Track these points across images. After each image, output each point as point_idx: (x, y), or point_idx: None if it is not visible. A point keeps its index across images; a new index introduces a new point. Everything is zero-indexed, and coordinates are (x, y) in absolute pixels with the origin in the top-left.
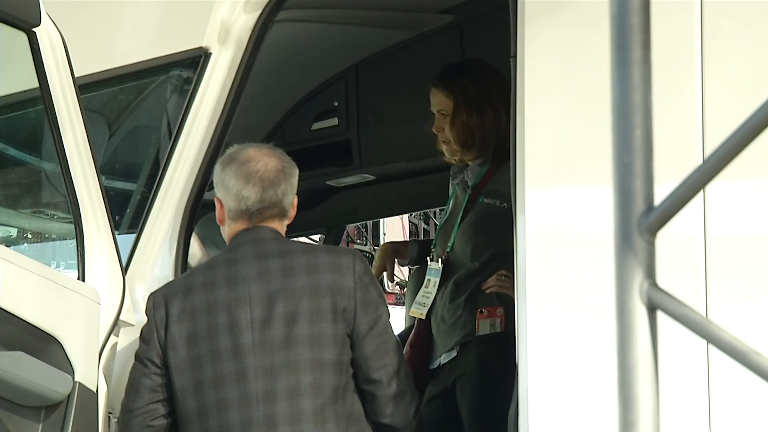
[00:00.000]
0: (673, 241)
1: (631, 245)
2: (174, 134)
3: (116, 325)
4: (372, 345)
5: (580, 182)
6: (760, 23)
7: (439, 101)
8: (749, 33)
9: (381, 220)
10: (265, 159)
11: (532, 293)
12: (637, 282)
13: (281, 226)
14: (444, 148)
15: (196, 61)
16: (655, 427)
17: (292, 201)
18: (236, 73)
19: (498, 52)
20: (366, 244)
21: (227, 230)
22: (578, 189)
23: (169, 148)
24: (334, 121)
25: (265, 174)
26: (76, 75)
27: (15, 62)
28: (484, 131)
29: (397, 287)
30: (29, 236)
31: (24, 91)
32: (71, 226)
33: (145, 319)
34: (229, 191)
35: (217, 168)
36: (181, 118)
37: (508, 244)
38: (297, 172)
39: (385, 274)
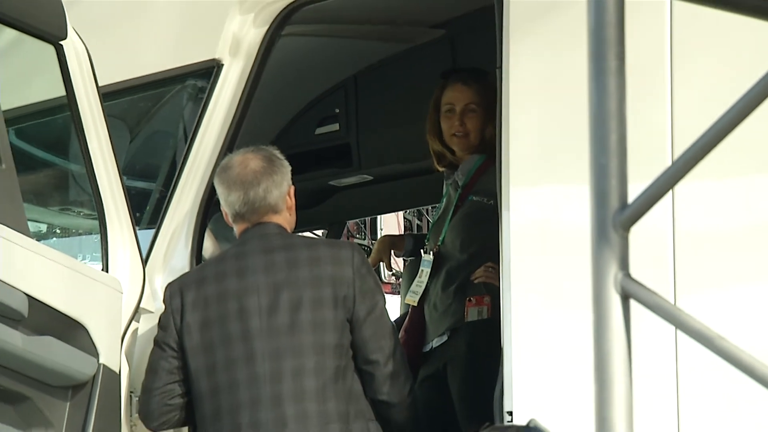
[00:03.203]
0: (644, 235)
1: (606, 239)
2: (189, 138)
3: (137, 312)
4: (370, 329)
5: (560, 182)
6: (725, 35)
7: (467, 96)
8: (715, 44)
9: (378, 216)
10: (245, 163)
11: (516, 283)
12: (612, 273)
13: (283, 219)
14: (455, 141)
15: (209, 71)
16: (628, 404)
17: (280, 195)
18: (246, 83)
19: (485, 64)
20: (364, 239)
21: (235, 228)
22: (558, 188)
23: (184, 152)
24: (335, 127)
25: (244, 177)
26: (99, 84)
27: (44, 72)
28: (494, 127)
29: (393, 277)
30: (58, 231)
31: (51, 99)
32: (96, 222)
33: (163, 307)
34: (221, 198)
35: (215, 179)
36: (195, 123)
37: (495, 238)
38: (285, 168)
39: (382, 264)
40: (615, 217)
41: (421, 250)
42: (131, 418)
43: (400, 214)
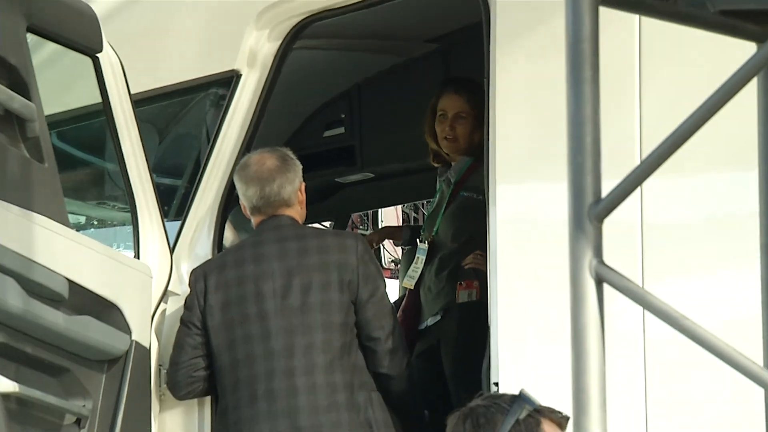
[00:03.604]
0: (616, 226)
1: (582, 230)
2: (211, 140)
3: (165, 294)
4: (372, 310)
5: (541, 179)
6: (688, 48)
7: (458, 105)
8: (679, 56)
9: (379, 209)
10: (262, 161)
11: (501, 269)
12: (587, 260)
13: (295, 212)
14: (446, 145)
15: (229, 80)
16: (601, 375)
17: (293, 191)
18: (262, 91)
19: (475, 74)
20: (367, 229)
21: (252, 220)
22: (539, 185)
23: (207, 152)
24: (341, 130)
25: (260, 174)
26: (131, 92)
27: (81, 82)
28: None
29: (392, 264)
30: (94, 223)
31: (88, 105)
32: (128, 215)
33: (188, 289)
34: (240, 193)
35: (234, 176)
36: (217, 127)
37: (483, 229)
38: (297, 167)
39: (383, 252)
40: (590, 210)
41: (417, 240)
42: (160, 389)
43: (399, 207)
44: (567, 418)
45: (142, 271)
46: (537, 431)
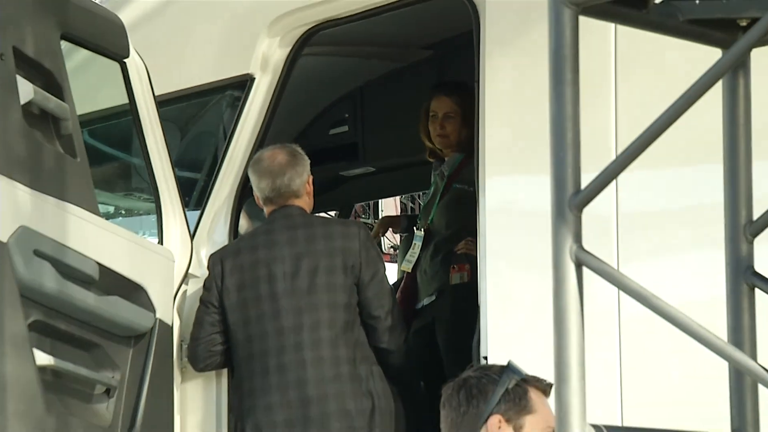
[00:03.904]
0: (594, 215)
1: (563, 218)
2: (227, 138)
3: (186, 277)
4: (372, 291)
5: (526, 172)
6: (659, 53)
7: (447, 106)
8: (651, 60)
9: (379, 200)
10: (273, 157)
11: (490, 254)
12: (568, 245)
13: (303, 203)
14: (438, 141)
15: (243, 83)
16: (580, 350)
17: (301, 183)
18: (273, 93)
19: (466, 78)
20: (369, 218)
21: (265, 209)
22: (524, 177)
23: (224, 148)
24: (345, 128)
25: (272, 168)
26: (155, 93)
27: (111, 85)
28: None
29: (392, 249)
30: (122, 212)
31: (116, 105)
32: (152, 205)
33: (207, 272)
34: (254, 185)
35: (249, 170)
36: (232, 126)
37: (473, 218)
38: (305, 161)
39: (383, 238)
40: (570, 200)
41: (414, 228)
42: (181, 362)
43: (398, 198)
44: (551, 385)
45: (165, 256)
46: (524, 398)
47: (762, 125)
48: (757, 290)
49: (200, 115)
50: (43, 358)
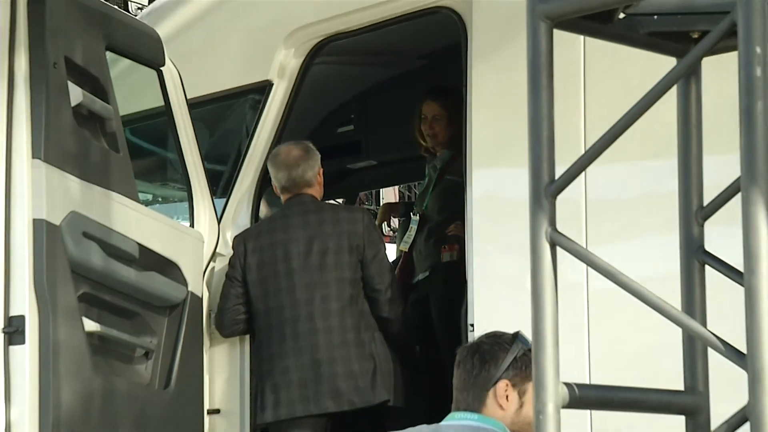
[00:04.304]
0: (566, 202)
1: (539, 205)
2: (249, 135)
3: (214, 255)
4: (374, 268)
5: (507, 165)
6: (624, 61)
7: (434, 110)
8: (615, 68)
9: (381, 189)
10: (289, 151)
11: (476, 236)
12: (544, 228)
13: (315, 191)
14: (429, 140)
15: (263, 88)
16: (554, 320)
17: (313, 174)
18: (289, 97)
19: (455, 83)
20: (371, 205)
21: (282, 197)
22: (506, 169)
23: (246, 144)
24: (351, 127)
25: (288, 161)
26: (187, 97)
27: (149, 89)
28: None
29: (391, 232)
30: (159, 199)
31: (154, 107)
32: (185, 194)
33: (232, 252)
34: (272, 176)
35: (268, 163)
36: (254, 125)
37: (462, 204)
38: (316, 156)
39: (384, 222)
40: (546, 189)
41: (411, 213)
42: (210, 329)
43: (396, 187)
44: None
45: (196, 237)
46: (530, 367)
47: (711, 124)
48: (707, 267)
49: (226, 116)
50: (90, 326)
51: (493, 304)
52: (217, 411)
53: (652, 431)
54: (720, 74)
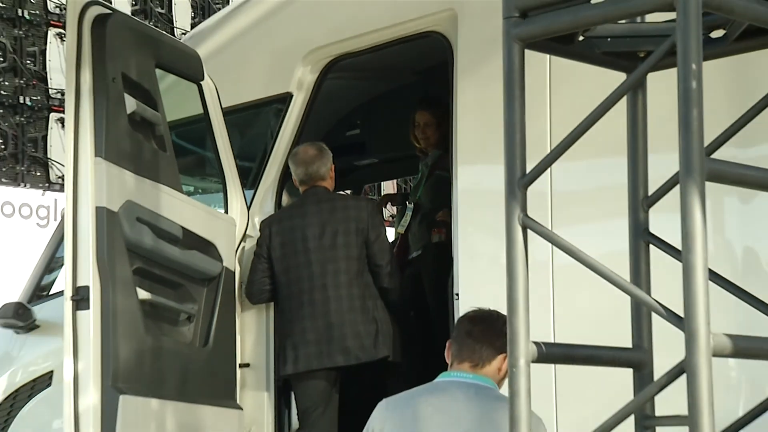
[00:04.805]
0: (535, 192)
1: (513, 194)
2: (273, 137)
3: (244, 237)
4: (376, 247)
5: (487, 162)
6: (581, 76)
7: (426, 117)
8: (576, 81)
9: (382, 182)
10: (306, 151)
11: (461, 220)
12: (516, 214)
13: (327, 184)
14: (421, 142)
15: (285, 99)
16: (525, 290)
17: (326, 170)
18: (305, 106)
19: (442, 94)
20: (374, 195)
21: (300, 189)
22: (486, 165)
23: (271, 145)
24: (357, 131)
25: (305, 159)
26: (222, 105)
27: (190, 100)
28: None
29: (390, 218)
30: (199, 191)
31: (195, 114)
32: (220, 186)
33: (259, 234)
34: (292, 171)
35: (289, 160)
36: (277, 129)
37: (449, 194)
38: (329, 154)
39: (384, 209)
40: (518, 181)
41: (406, 202)
42: (241, 297)
43: (395, 180)
44: None
45: (229, 222)
46: None
47: (655, 128)
48: (651, 246)
49: (254, 121)
50: (143, 294)
51: (475, 277)
52: (247, 365)
53: (605, 382)
54: (662, 86)
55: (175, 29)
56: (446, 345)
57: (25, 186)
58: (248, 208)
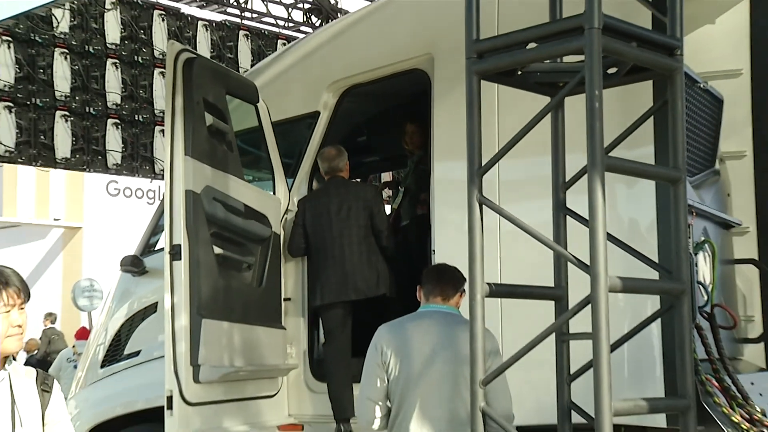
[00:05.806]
0: (488, 180)
1: (473, 181)
2: (306, 142)
3: (286, 211)
4: (378, 218)
5: (455, 159)
6: (521, 99)
7: (413, 128)
8: (517, 102)
9: (381, 173)
10: (329, 151)
11: (437, 200)
12: (475, 194)
13: (344, 175)
14: (409, 144)
15: (315, 115)
16: (481, 248)
17: (344, 165)
18: (329, 121)
19: (425, 112)
20: (376, 182)
21: (325, 178)
22: (454, 162)
23: (305, 147)
24: (365, 138)
25: (328, 156)
26: (272, 120)
27: (249, 117)
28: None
29: (388, 198)
30: (256, 179)
31: (252, 127)
32: (270, 176)
33: (296, 208)
34: (319, 165)
35: (317, 158)
36: (309, 136)
37: (429, 182)
38: (345, 154)
39: (383, 192)
40: (477, 171)
41: (399, 187)
42: (284, 252)
43: (391, 172)
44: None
45: (276, 200)
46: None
47: (570, 135)
48: (568, 217)
49: (293, 131)
50: (217, 250)
51: (446, 239)
52: (288, 299)
53: (535, 311)
54: (575, 106)
55: (239, 68)
56: (417, 288)
57: (138, 176)
58: (289, 191)
